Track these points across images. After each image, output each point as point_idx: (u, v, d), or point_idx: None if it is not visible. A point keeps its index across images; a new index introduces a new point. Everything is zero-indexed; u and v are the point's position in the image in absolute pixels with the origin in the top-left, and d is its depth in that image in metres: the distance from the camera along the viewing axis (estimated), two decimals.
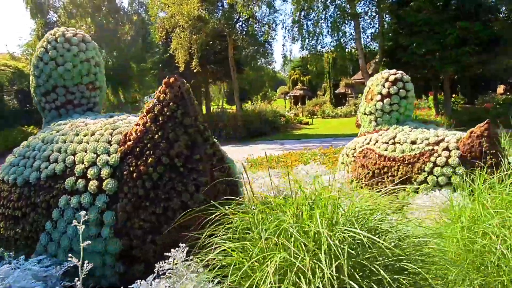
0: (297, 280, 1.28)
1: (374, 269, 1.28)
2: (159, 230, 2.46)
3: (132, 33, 23.52)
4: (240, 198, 1.92)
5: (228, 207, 1.83)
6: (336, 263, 1.26)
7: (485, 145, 3.55)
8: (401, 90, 4.47)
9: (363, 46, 16.28)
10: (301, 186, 1.67)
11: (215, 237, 1.78)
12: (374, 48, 18.02)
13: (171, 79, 2.51)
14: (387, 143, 4.16)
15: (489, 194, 2.41)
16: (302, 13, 16.03)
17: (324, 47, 17.26)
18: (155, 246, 2.46)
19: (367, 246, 1.31)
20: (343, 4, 15.96)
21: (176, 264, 2.01)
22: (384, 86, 4.53)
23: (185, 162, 2.47)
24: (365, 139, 4.49)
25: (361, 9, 16.46)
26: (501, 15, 15.43)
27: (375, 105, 4.60)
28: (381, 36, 16.25)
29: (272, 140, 16.61)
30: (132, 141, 2.55)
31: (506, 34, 14.29)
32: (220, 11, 17.05)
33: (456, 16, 14.36)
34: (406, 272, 1.38)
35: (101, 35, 22.47)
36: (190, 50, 15.97)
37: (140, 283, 2.03)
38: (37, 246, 2.70)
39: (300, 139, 16.35)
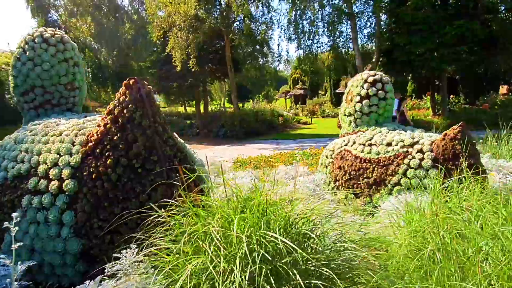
0: (216, 283, 1.29)
1: (291, 274, 1.29)
2: (118, 230, 2.49)
3: (132, 32, 23.59)
4: (175, 200, 1.93)
5: (165, 210, 1.85)
6: (253, 267, 1.28)
7: (458, 148, 3.54)
8: (380, 92, 4.46)
9: (360, 46, 16.20)
10: (238, 188, 1.68)
11: (157, 238, 1.79)
12: (371, 48, 17.92)
13: (131, 81, 2.53)
14: (364, 144, 4.15)
15: (448, 197, 2.41)
16: (298, 13, 15.97)
17: (320, 47, 17.21)
18: (114, 245, 2.48)
19: (285, 251, 1.33)
20: (340, 4, 15.87)
21: (125, 264, 2.03)
22: (363, 88, 4.52)
23: (143, 163, 2.49)
24: (344, 141, 4.48)
25: (358, 8, 16.38)
26: (500, 15, 15.29)
27: (355, 106, 4.59)
28: (378, 35, 16.16)
29: (268, 139, 16.59)
30: (93, 142, 2.58)
31: (505, 33, 14.17)
32: (218, 10, 17.02)
33: (454, 15, 14.25)
34: (328, 278, 1.39)
35: (101, 34, 22.58)
36: (187, 49, 15.97)
37: (89, 284, 2.06)
38: (2, 245, 2.74)
39: (296, 139, 16.32)
